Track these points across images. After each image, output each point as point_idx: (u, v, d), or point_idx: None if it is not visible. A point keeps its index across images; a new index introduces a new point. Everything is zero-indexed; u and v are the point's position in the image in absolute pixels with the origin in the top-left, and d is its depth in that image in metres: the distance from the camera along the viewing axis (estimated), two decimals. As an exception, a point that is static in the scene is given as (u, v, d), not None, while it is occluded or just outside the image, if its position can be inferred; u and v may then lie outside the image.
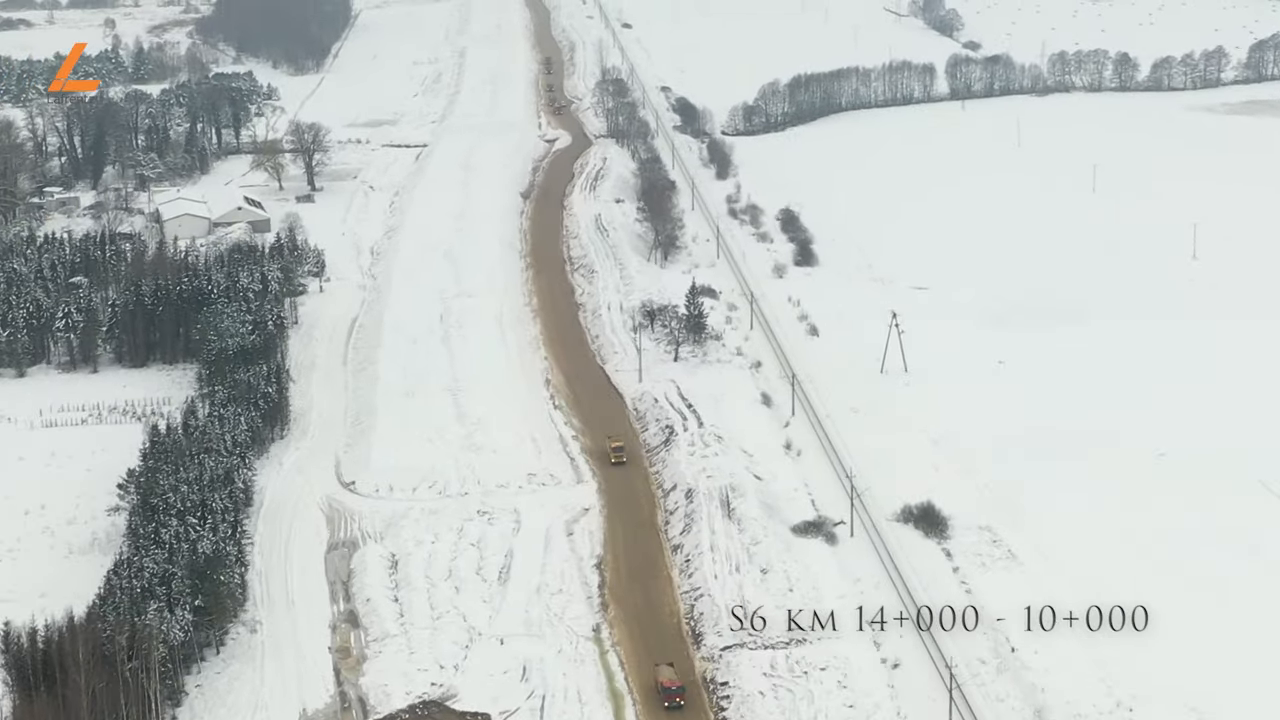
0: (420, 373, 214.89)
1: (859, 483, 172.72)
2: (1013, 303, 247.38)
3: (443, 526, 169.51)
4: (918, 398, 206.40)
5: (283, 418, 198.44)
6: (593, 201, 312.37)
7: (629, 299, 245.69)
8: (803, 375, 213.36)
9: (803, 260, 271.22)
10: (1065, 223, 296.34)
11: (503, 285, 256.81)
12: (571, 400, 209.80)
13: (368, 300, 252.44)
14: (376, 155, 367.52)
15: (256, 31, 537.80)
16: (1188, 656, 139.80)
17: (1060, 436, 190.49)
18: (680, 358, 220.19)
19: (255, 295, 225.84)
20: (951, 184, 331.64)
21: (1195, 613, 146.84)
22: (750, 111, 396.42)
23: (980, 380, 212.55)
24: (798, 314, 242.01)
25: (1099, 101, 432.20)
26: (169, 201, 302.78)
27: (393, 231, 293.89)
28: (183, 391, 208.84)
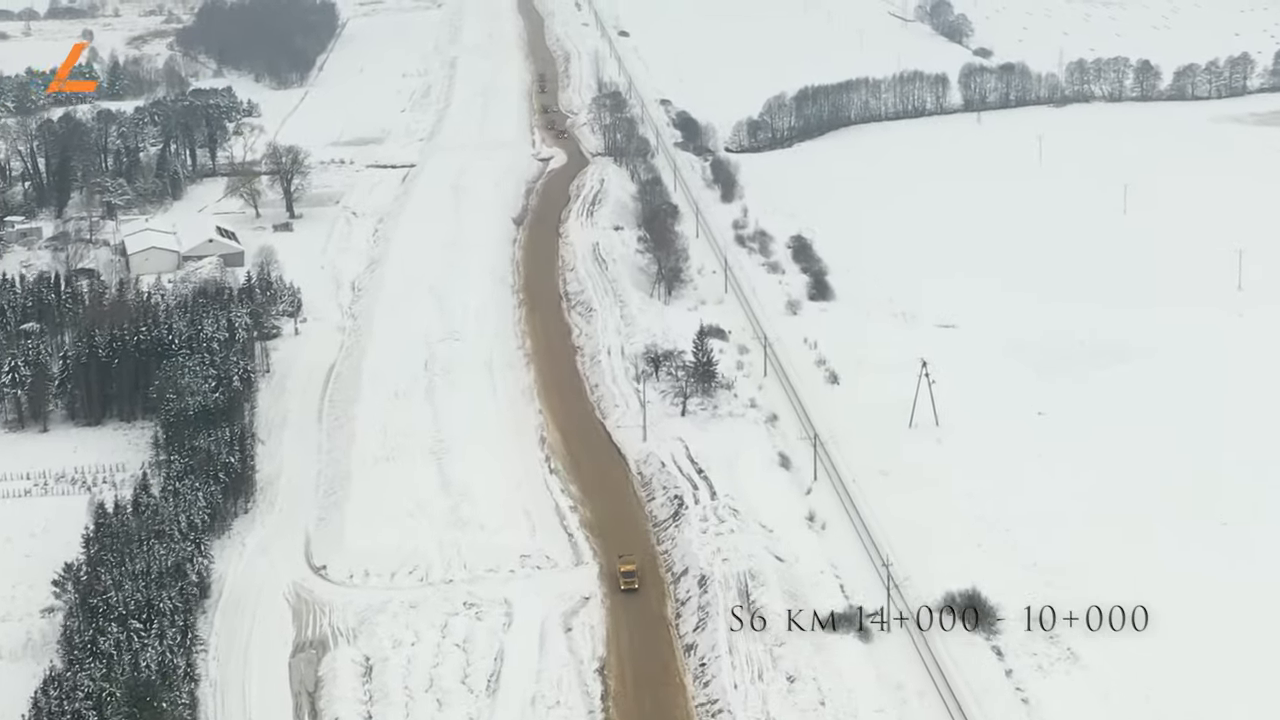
0: (401, 431, 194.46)
1: (892, 562, 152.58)
2: (1048, 341, 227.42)
3: (424, 623, 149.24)
4: (952, 457, 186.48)
5: (247, 489, 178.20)
6: (590, 228, 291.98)
7: (631, 342, 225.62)
8: (823, 430, 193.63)
9: (817, 294, 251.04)
10: (1097, 249, 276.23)
11: (493, 326, 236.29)
12: (569, 462, 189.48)
13: (347, 344, 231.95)
14: (361, 177, 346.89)
15: (239, 43, 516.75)
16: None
17: (1115, 501, 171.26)
18: (688, 411, 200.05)
19: (221, 345, 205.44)
20: (971, 205, 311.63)
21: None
22: (755, 127, 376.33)
23: (1019, 435, 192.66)
24: (815, 357, 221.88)
25: (1120, 112, 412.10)
26: (136, 233, 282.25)
27: (376, 264, 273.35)
28: (139, 455, 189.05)
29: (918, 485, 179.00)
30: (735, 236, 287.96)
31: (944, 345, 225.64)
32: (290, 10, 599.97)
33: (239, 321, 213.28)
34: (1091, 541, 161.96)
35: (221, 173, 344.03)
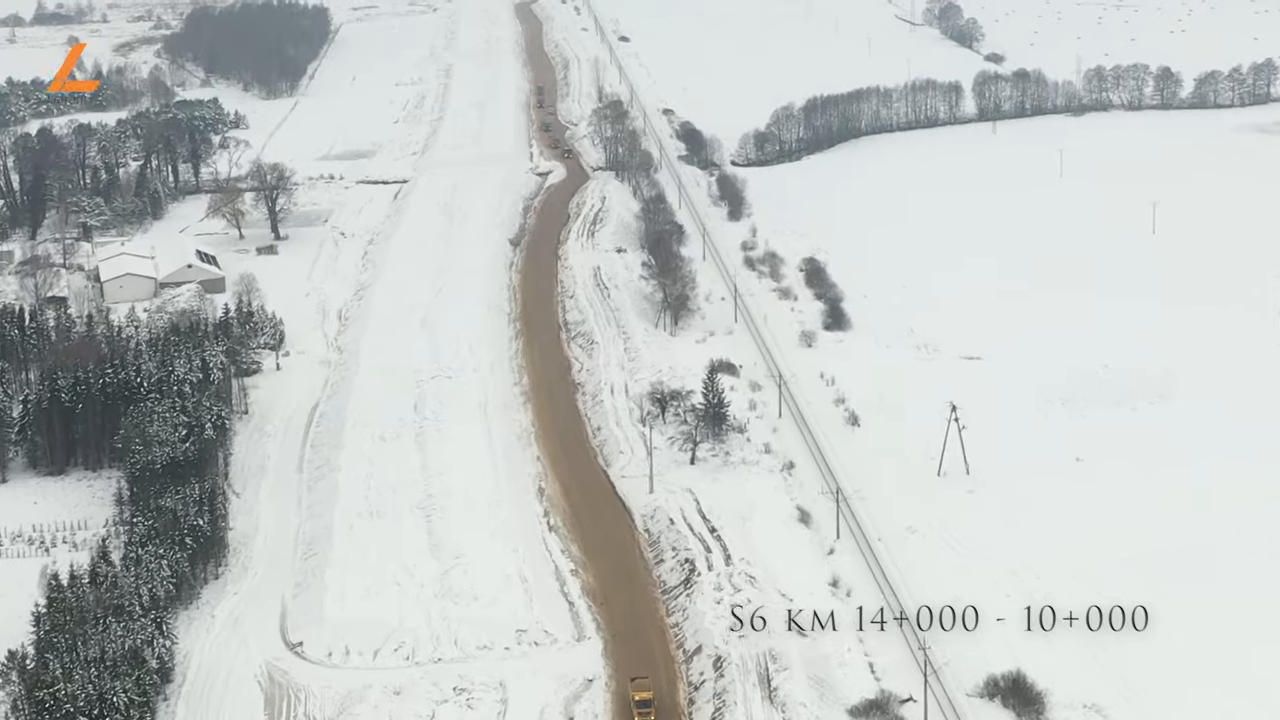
0: (388, 484, 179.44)
1: (929, 645, 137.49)
2: (1080, 374, 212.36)
3: (409, 713, 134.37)
4: (985, 512, 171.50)
5: (218, 551, 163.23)
6: (591, 251, 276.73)
7: (635, 379, 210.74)
8: (844, 478, 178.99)
9: (833, 323, 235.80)
10: (1130, 272, 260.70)
11: (488, 360, 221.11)
12: (570, 518, 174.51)
13: (331, 381, 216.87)
14: (351, 194, 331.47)
15: (228, 51, 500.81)
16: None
17: (1167, 564, 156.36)
18: (698, 458, 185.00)
19: (194, 387, 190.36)
20: (991, 222, 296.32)
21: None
22: (762, 139, 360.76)
23: (1057, 486, 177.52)
24: (833, 395, 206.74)
25: (1140, 121, 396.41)
26: (111, 258, 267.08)
27: (364, 291, 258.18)
28: (103, 510, 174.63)
29: (950, 545, 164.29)
30: (744, 259, 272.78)
31: (969, 380, 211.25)
32: (281, 16, 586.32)
33: (214, 361, 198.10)
34: (1144, 611, 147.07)
35: (205, 189, 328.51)
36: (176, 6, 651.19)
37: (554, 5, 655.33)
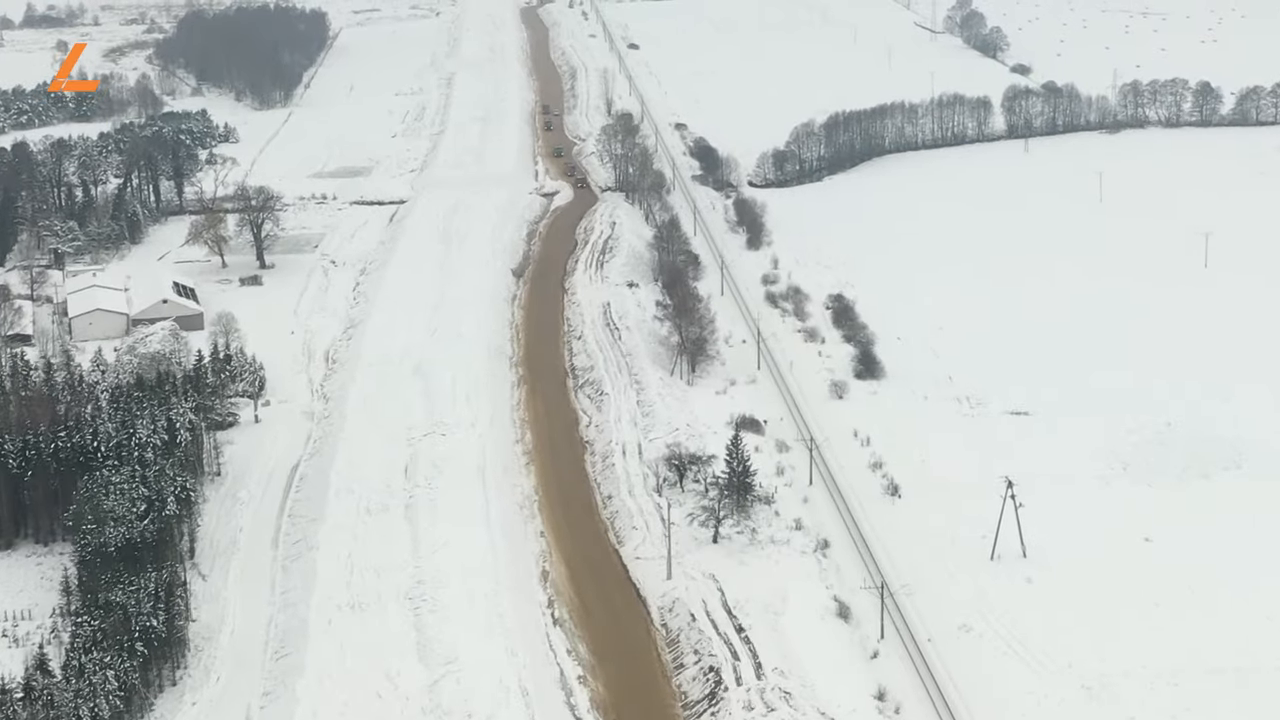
0: (374, 567, 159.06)
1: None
2: (1144, 437, 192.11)
3: None
4: (1049, 606, 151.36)
5: (176, 653, 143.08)
6: (600, 284, 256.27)
7: (650, 437, 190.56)
8: (885, 560, 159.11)
9: (865, 371, 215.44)
10: (1184, 314, 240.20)
11: (488, 413, 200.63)
12: (577, 608, 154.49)
13: (315, 437, 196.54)
14: (344, 216, 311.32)
15: (221, 57, 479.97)
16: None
17: (1273, 683, 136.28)
18: (721, 536, 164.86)
19: (157, 452, 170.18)
20: (1028, 252, 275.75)
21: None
22: (782, 158, 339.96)
23: (1126, 574, 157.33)
24: (868, 458, 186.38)
25: (1179, 139, 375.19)
26: (80, 291, 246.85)
27: (354, 329, 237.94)
28: (51, 595, 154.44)
29: (1010, 647, 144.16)
30: (765, 294, 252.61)
31: (1018, 440, 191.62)
32: (278, 20, 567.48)
33: (181, 420, 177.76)
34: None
35: (189, 209, 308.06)
36: (171, 9, 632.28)
37: (560, 10, 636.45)
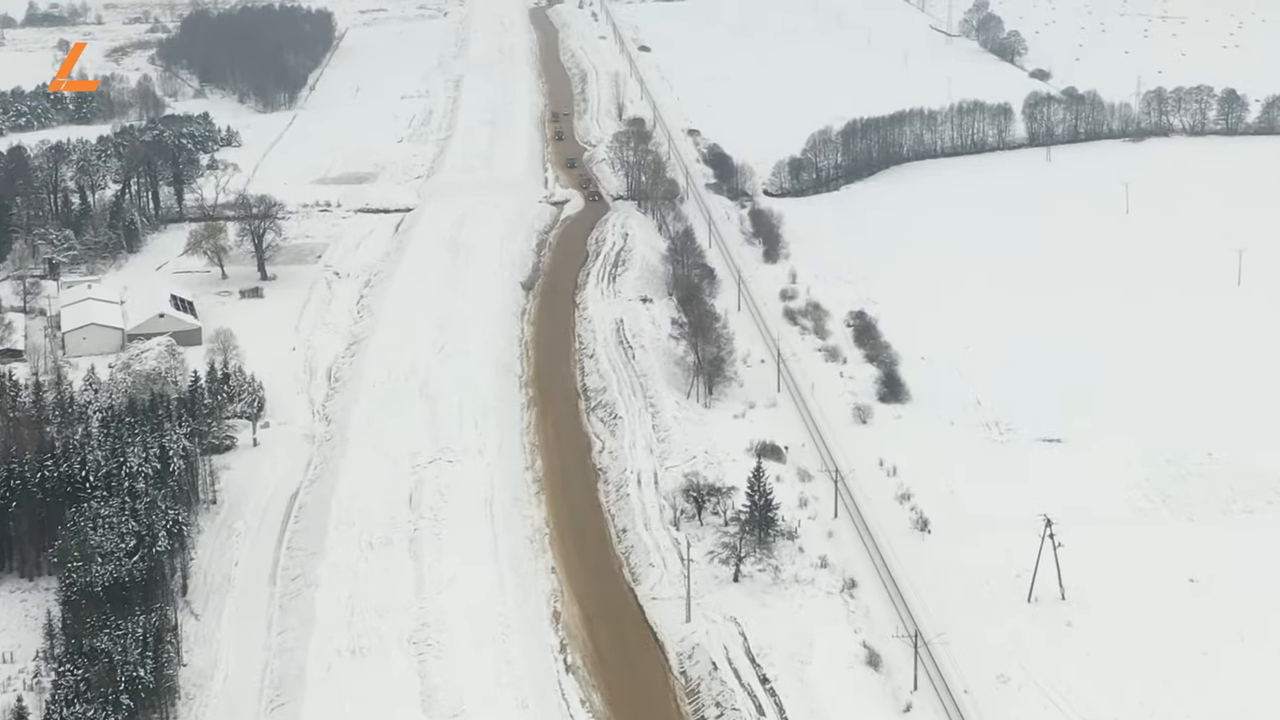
0: (375, 608, 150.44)
1: None
2: (1184, 467, 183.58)
3: None
4: (1091, 654, 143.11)
5: (165, 703, 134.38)
6: (612, 299, 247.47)
7: (666, 464, 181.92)
8: (916, 601, 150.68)
9: (889, 394, 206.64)
10: (1218, 333, 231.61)
11: (496, 439, 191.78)
12: (591, 653, 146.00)
13: (315, 463, 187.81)
14: (348, 224, 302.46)
15: (224, 58, 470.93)
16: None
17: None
18: (742, 575, 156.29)
19: (149, 482, 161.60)
20: (1053, 264, 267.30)
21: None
22: (798, 166, 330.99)
23: (1171, 618, 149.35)
24: (895, 489, 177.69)
25: (1204, 148, 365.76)
26: (74, 304, 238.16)
27: (358, 345, 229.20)
28: (34, 637, 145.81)
29: (1052, 701, 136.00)
30: (784, 310, 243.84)
31: (1051, 470, 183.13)
32: (283, 20, 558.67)
33: (175, 447, 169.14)
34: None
35: (190, 217, 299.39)
36: (175, 7, 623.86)
37: (570, 11, 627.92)
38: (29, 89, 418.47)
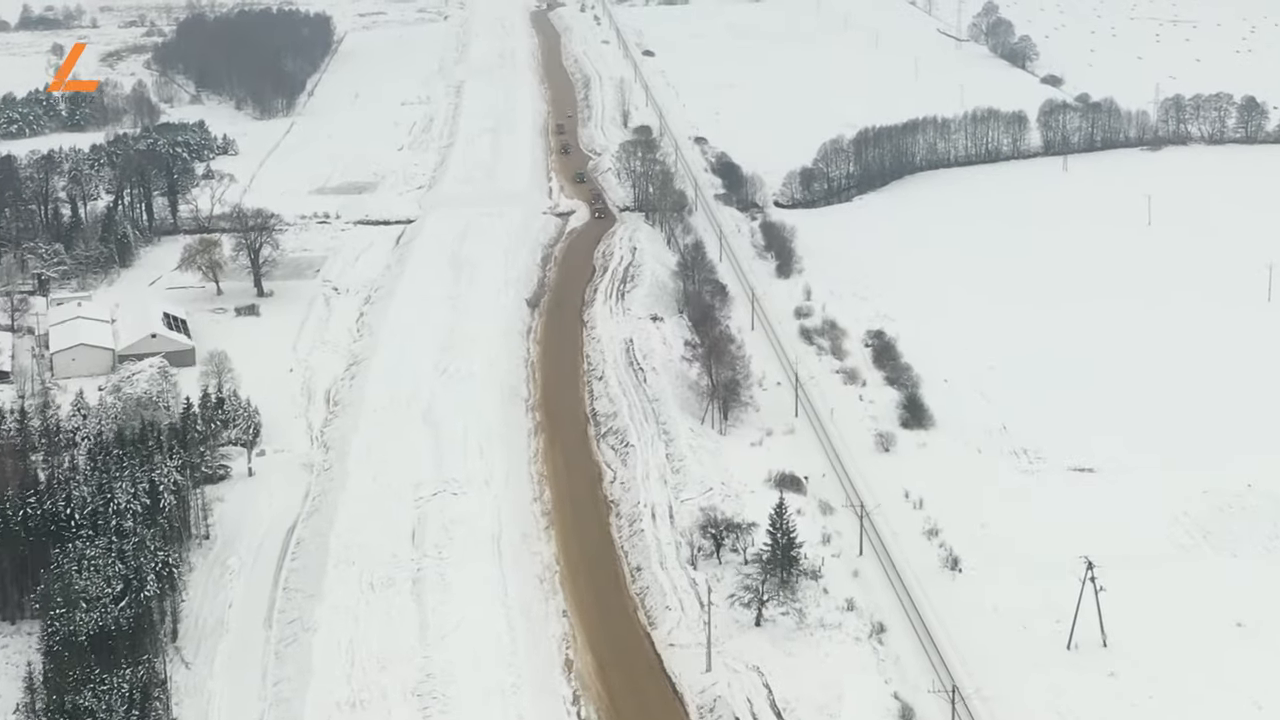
0: (377, 656, 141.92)
1: None
2: (1223, 499, 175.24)
3: None
4: (1133, 706, 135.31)
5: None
6: (621, 317, 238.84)
7: (682, 497, 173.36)
8: (950, 650, 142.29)
9: (912, 419, 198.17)
10: (1248, 352, 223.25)
11: (503, 469, 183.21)
12: (606, 706, 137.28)
13: (314, 494, 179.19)
14: (347, 237, 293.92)
15: (221, 62, 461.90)
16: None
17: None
18: (765, 619, 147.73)
19: (137, 520, 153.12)
20: (1078, 280, 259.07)
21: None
22: (809, 176, 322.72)
23: (1217, 664, 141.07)
24: (923, 523, 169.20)
25: (1224, 157, 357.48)
26: (63, 322, 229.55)
27: (357, 366, 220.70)
28: (14, 688, 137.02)
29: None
30: (799, 328, 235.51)
31: (1085, 503, 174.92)
32: (281, 24, 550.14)
33: (165, 481, 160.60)
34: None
35: (184, 228, 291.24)
36: (171, 11, 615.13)
37: (573, 15, 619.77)
38: (21, 94, 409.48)
